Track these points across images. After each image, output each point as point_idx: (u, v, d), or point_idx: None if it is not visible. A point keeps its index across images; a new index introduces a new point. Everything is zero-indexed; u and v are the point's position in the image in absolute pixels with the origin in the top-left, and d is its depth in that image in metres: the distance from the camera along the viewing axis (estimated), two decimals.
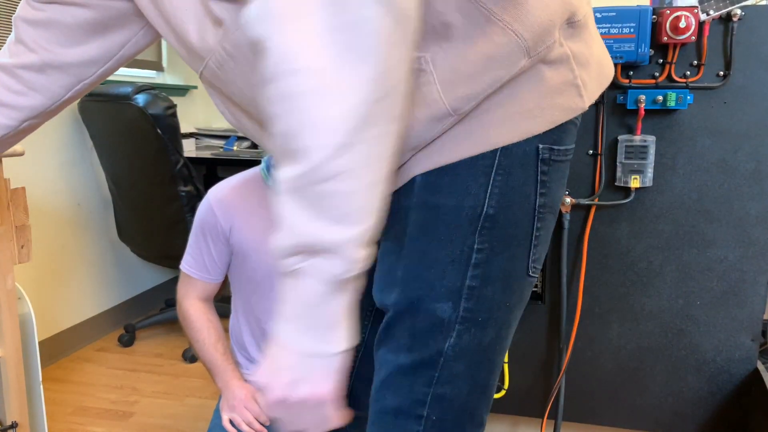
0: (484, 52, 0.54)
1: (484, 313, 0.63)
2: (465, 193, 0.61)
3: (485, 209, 0.61)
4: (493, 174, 0.60)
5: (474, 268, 0.61)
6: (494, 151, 0.59)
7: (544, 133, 0.61)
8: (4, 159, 1.17)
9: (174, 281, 1.15)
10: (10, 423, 1.25)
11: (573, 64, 0.60)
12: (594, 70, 0.64)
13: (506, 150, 0.59)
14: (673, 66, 1.20)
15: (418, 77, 0.55)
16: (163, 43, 2.80)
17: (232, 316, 1.40)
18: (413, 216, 0.62)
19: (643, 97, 1.20)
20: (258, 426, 1.23)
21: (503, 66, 0.55)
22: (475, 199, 0.61)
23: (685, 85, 1.20)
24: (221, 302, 1.31)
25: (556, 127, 0.62)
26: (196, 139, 2.70)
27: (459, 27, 0.54)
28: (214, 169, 2.71)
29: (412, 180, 0.61)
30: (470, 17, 0.54)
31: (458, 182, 0.60)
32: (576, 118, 0.66)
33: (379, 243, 0.66)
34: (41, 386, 1.31)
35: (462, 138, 0.58)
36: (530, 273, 0.66)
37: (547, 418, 1.42)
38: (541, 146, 0.61)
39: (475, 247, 0.61)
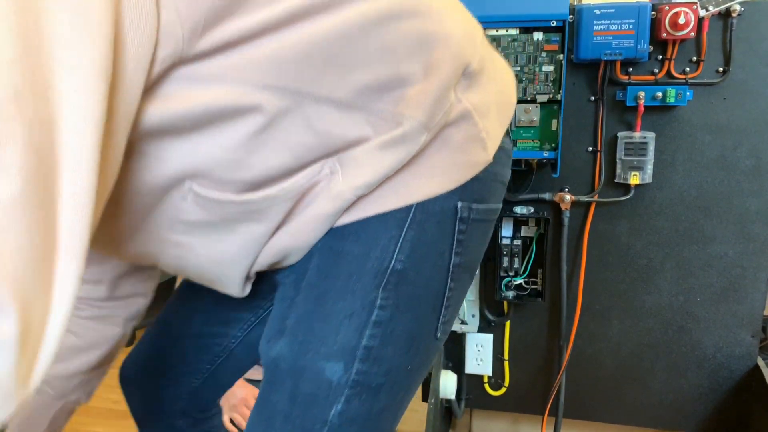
0: (386, 140, 0.52)
1: (380, 377, 0.56)
2: (373, 243, 0.56)
3: (393, 263, 0.56)
4: (405, 227, 0.56)
5: (374, 326, 0.55)
6: (410, 206, 0.55)
7: (464, 190, 0.57)
8: None
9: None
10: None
11: (475, 117, 0.57)
12: (494, 112, 0.61)
13: (422, 205, 0.56)
14: (672, 62, 1.19)
15: (328, 180, 0.53)
16: None
17: None
18: (315, 260, 0.57)
19: (642, 94, 1.19)
20: None
21: (406, 149, 0.53)
22: (384, 251, 0.56)
23: (684, 81, 1.20)
24: None
25: (480, 185, 0.59)
26: None
27: (371, 135, 0.52)
28: None
29: None
30: (378, 126, 0.52)
31: (368, 230, 0.56)
32: (502, 177, 0.64)
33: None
34: None
35: (374, 198, 0.55)
36: (438, 336, 0.61)
37: (548, 415, 1.42)
38: (460, 204, 0.57)
39: (378, 302, 0.55)
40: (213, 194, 0.50)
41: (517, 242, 1.32)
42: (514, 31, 1.14)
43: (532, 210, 1.31)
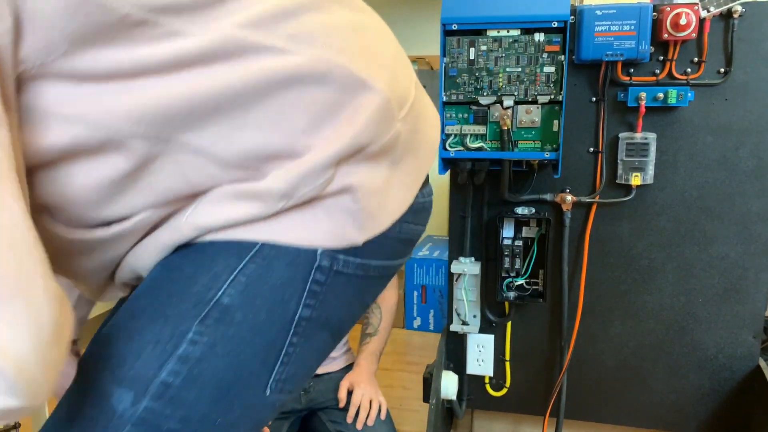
0: (242, 192, 0.48)
1: (173, 422, 0.48)
2: (206, 268, 0.49)
3: (219, 295, 0.48)
4: (246, 259, 0.49)
5: (178, 361, 0.47)
6: (259, 240, 0.49)
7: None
8: None
9: None
10: (12, 423, 1.25)
11: (358, 195, 0.50)
12: (397, 188, 0.54)
13: (275, 243, 0.49)
14: (673, 63, 1.19)
15: (176, 215, 0.49)
16: None
17: None
18: (153, 271, 0.51)
19: (643, 95, 1.19)
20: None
21: (260, 207, 0.48)
22: (213, 279, 0.48)
23: (685, 82, 1.20)
24: None
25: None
26: None
27: (231, 182, 0.48)
28: None
29: None
30: (241, 176, 0.48)
31: (207, 253, 0.49)
32: (405, 235, 0.57)
33: None
34: None
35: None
36: (269, 393, 0.51)
37: (549, 415, 1.42)
38: (320, 250, 0.50)
39: (190, 335, 0.48)
40: (60, 231, 0.46)
41: (519, 243, 1.32)
42: (515, 32, 1.15)
43: (534, 210, 1.31)
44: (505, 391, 1.46)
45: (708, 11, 1.15)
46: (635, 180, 1.25)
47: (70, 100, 0.40)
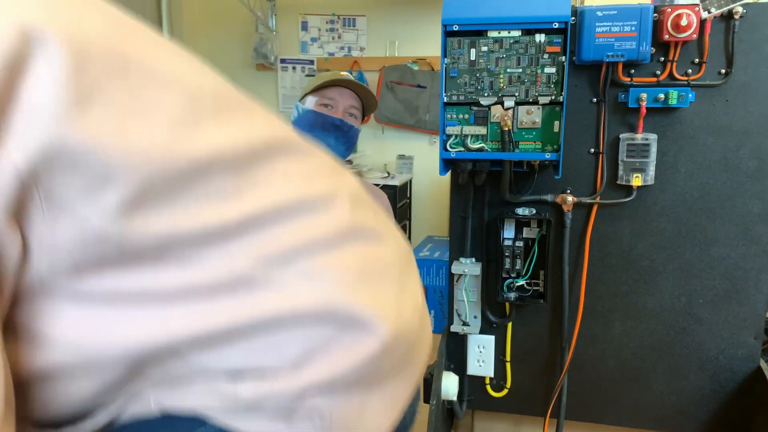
0: None
1: None
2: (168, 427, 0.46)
3: None
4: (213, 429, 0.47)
5: None
6: None
7: None
8: None
9: None
10: None
11: (327, 420, 0.48)
12: (368, 418, 0.52)
13: None
14: (674, 64, 1.19)
15: None
16: None
17: None
18: None
19: (644, 96, 1.19)
20: None
21: None
22: None
23: (686, 83, 1.20)
24: None
25: None
26: None
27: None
28: None
29: None
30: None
31: (163, 422, 0.46)
32: None
33: None
34: None
35: None
36: None
37: (550, 416, 1.42)
38: None
39: None
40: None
41: (519, 243, 1.32)
42: (516, 33, 1.15)
43: (534, 211, 1.31)
44: (505, 391, 1.46)
45: (709, 12, 1.15)
46: (636, 181, 1.25)
47: (67, 323, 0.38)
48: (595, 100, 1.25)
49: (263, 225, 0.43)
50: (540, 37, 1.14)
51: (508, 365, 1.43)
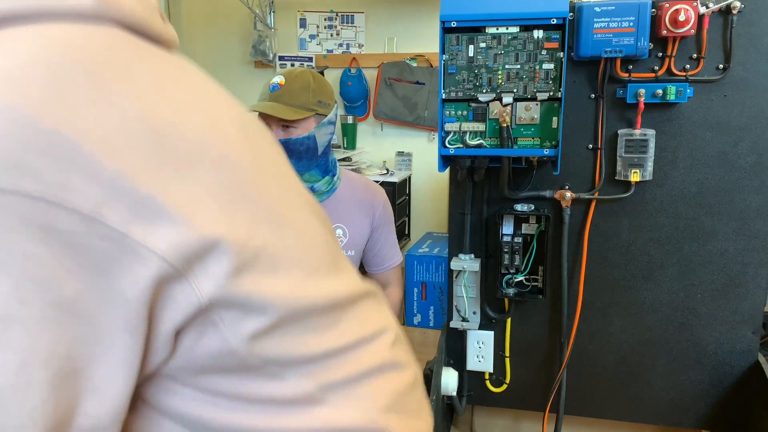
0: None
1: None
2: None
3: None
4: None
5: None
6: None
7: None
8: None
9: None
10: None
11: None
12: None
13: None
14: (672, 59, 1.20)
15: None
16: None
17: None
18: None
19: (642, 91, 1.20)
20: None
21: None
22: None
23: (684, 78, 1.20)
24: None
25: None
26: None
27: None
28: None
29: None
30: None
31: None
32: None
33: None
34: None
35: None
36: None
37: (549, 411, 1.43)
38: None
39: None
40: None
41: (518, 239, 1.32)
42: (514, 29, 1.15)
43: (533, 207, 1.31)
44: (505, 387, 1.46)
45: (707, 7, 1.15)
46: (634, 176, 1.25)
47: (181, 401, 0.47)
48: (593, 95, 1.25)
49: (332, 358, 0.52)
50: (538, 33, 1.14)
51: (508, 361, 1.44)
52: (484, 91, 1.18)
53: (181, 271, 0.39)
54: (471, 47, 1.17)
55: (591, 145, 1.28)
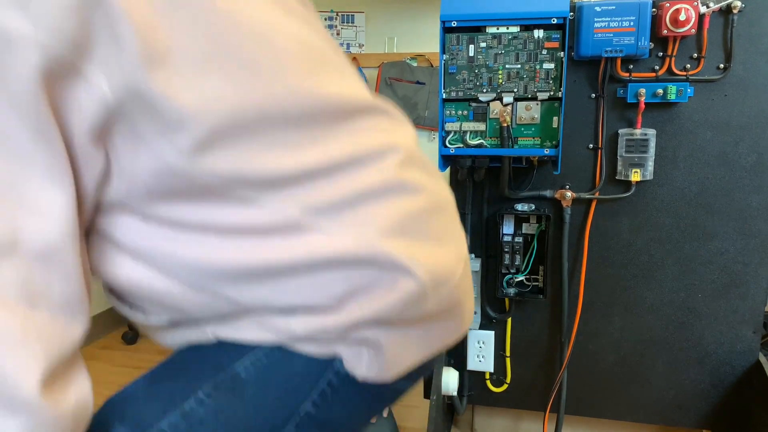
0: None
1: None
2: (234, 346, 0.52)
3: (238, 367, 0.52)
4: (272, 348, 0.52)
5: (182, 416, 0.49)
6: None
7: None
8: None
9: None
10: None
11: (376, 349, 0.54)
12: (410, 351, 0.59)
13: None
14: (673, 59, 1.20)
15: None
16: None
17: None
18: (181, 351, 0.56)
19: (643, 91, 1.19)
20: None
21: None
22: (238, 352, 0.52)
23: (685, 78, 1.20)
24: None
25: None
26: None
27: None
28: None
29: None
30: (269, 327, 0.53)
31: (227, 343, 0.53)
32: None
33: None
34: None
35: None
36: None
37: (550, 411, 1.43)
38: (340, 359, 0.54)
39: (199, 394, 0.51)
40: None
41: (519, 239, 1.32)
42: (515, 29, 1.15)
43: (534, 207, 1.31)
44: (505, 386, 1.46)
45: (707, 7, 1.15)
46: (635, 176, 1.25)
47: (137, 235, 0.45)
48: (593, 95, 1.25)
49: (316, 178, 0.47)
50: (538, 33, 1.14)
51: (508, 360, 1.44)
52: (485, 90, 1.18)
53: (70, 58, 0.36)
54: (471, 47, 1.17)
55: (591, 145, 1.28)
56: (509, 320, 1.41)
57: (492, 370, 1.45)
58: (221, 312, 0.50)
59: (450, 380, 1.38)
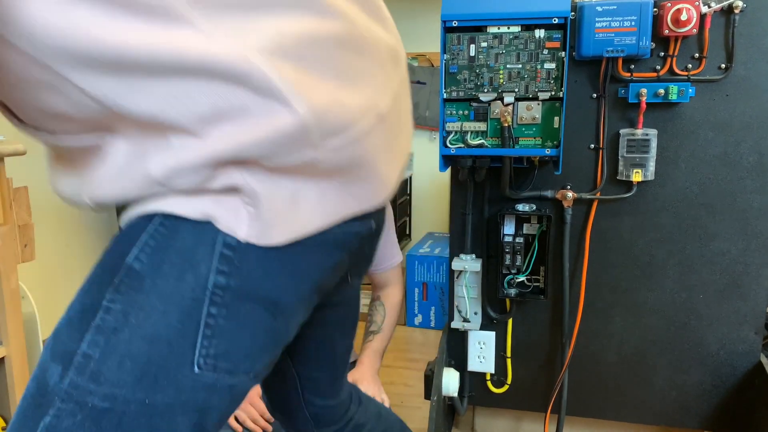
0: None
1: (99, 398, 0.46)
2: (125, 237, 0.48)
3: (131, 260, 0.47)
4: (156, 224, 0.47)
5: (97, 332, 0.46)
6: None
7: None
8: (6, 159, 1.18)
9: None
10: None
11: (249, 199, 0.48)
12: (300, 215, 0.50)
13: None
14: (674, 59, 1.19)
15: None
16: None
17: None
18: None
19: (644, 91, 1.19)
20: (263, 423, 1.24)
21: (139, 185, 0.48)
22: (127, 245, 0.48)
23: (686, 78, 1.20)
24: None
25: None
26: None
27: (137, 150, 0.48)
28: None
29: None
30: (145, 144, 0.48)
31: (129, 226, 0.49)
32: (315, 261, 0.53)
33: None
34: None
35: None
36: (198, 370, 0.48)
37: (551, 412, 1.42)
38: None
39: (104, 303, 0.47)
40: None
41: (519, 239, 1.32)
42: (515, 29, 1.14)
43: (534, 207, 1.31)
44: (506, 387, 1.46)
45: (709, 7, 1.15)
46: (636, 176, 1.24)
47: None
48: (595, 95, 1.25)
49: None
50: (540, 33, 1.14)
51: (509, 361, 1.44)
52: (486, 90, 1.18)
53: None
54: (472, 47, 1.16)
55: (593, 145, 1.28)
56: (510, 321, 1.41)
57: (493, 371, 1.45)
58: (82, 114, 0.45)
59: (450, 381, 1.38)
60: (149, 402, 0.46)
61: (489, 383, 1.47)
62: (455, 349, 1.46)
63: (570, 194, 1.29)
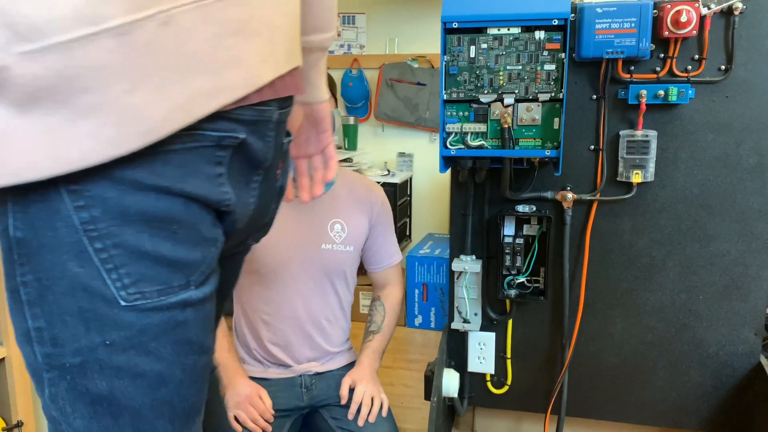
0: None
1: (70, 356, 0.49)
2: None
3: (12, 230, 0.47)
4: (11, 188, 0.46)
5: (29, 306, 0.49)
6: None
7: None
8: None
9: None
10: (15, 422, 1.25)
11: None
12: (14, 148, 0.45)
13: None
14: (674, 60, 1.19)
15: None
16: None
17: (234, 312, 1.40)
18: None
19: (644, 92, 1.19)
20: (263, 423, 1.24)
21: None
22: (3, 214, 0.48)
23: (686, 79, 1.20)
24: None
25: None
26: None
27: None
28: None
29: None
30: None
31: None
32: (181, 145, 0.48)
33: None
34: None
35: None
36: (124, 304, 0.48)
37: (551, 413, 1.42)
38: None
39: (18, 279, 0.49)
40: None
41: (520, 240, 1.32)
42: (516, 30, 1.15)
43: (534, 208, 1.31)
44: (506, 388, 1.46)
45: (709, 8, 1.15)
46: (636, 177, 1.25)
47: None
48: (594, 96, 1.25)
49: None
50: (540, 34, 1.14)
51: (509, 362, 1.44)
52: (486, 92, 1.18)
53: None
54: (472, 48, 1.17)
55: (592, 146, 1.28)
56: (510, 322, 1.41)
57: (493, 372, 1.45)
58: None
59: (450, 382, 1.38)
60: (110, 342, 0.49)
61: (489, 384, 1.47)
62: (455, 350, 1.46)
63: (570, 195, 1.29)
